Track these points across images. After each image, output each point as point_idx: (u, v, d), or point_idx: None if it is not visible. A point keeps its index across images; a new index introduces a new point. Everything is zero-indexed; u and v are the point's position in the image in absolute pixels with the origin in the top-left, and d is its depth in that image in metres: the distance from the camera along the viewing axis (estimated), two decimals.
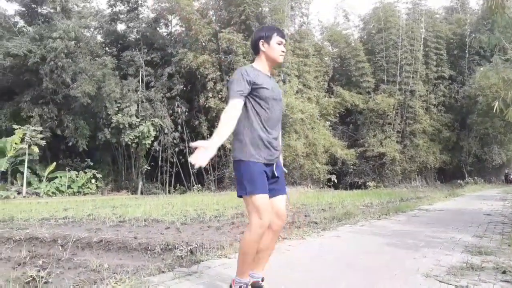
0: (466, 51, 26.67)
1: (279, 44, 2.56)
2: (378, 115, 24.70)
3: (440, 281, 2.78)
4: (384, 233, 5.25)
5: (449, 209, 9.05)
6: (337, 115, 25.14)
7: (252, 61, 2.66)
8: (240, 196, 2.41)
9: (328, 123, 24.52)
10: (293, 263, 3.47)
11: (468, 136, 26.51)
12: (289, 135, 20.44)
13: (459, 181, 24.59)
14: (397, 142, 24.76)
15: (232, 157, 2.50)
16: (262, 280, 2.57)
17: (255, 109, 2.42)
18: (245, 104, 2.42)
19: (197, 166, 2.14)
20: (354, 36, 28.13)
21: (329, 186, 22.68)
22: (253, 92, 2.42)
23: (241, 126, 2.41)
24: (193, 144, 2.20)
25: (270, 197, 2.43)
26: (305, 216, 6.95)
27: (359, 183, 23.61)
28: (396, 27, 25.51)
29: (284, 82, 21.35)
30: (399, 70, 25.14)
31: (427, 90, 26.34)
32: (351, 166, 23.83)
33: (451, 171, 27.80)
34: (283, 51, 2.58)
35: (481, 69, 24.83)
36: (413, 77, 25.22)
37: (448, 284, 2.72)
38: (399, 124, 25.29)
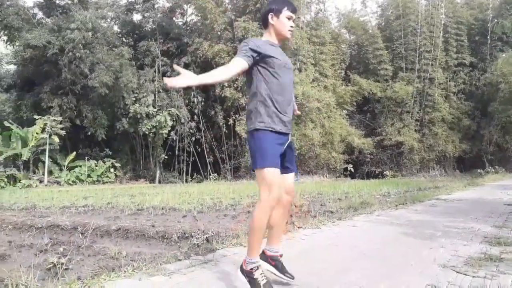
0: (488, 37, 25.89)
1: (288, 18, 2.53)
2: (396, 103, 24.33)
3: (457, 272, 2.75)
4: (400, 222, 5.20)
5: (468, 198, 8.89)
6: (354, 103, 24.87)
7: None
8: (253, 170, 2.42)
9: (345, 112, 24.29)
10: (308, 252, 3.48)
11: (489, 125, 25.83)
12: (305, 124, 20.34)
13: (479, 170, 24.06)
14: (415, 130, 24.38)
15: (247, 131, 2.52)
16: (281, 256, 2.65)
17: (266, 78, 2.43)
18: (256, 73, 2.43)
19: (168, 85, 2.12)
20: (372, 23, 27.67)
21: (346, 176, 22.56)
22: (264, 62, 2.41)
23: (254, 97, 2.45)
24: (176, 67, 2.22)
25: (282, 173, 2.46)
26: (321, 205, 6.94)
27: (376, 172, 23.41)
28: (415, 13, 24.93)
29: (300, 70, 21.18)
30: (418, 57, 24.61)
31: (446, 78, 25.75)
32: (368, 155, 23.62)
33: (471, 160, 27.23)
34: (292, 26, 2.55)
35: (504, 55, 24.18)
36: (432, 64, 24.67)
37: (465, 275, 2.68)
38: (417, 112, 24.86)
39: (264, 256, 2.62)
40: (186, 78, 2.13)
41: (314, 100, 19.92)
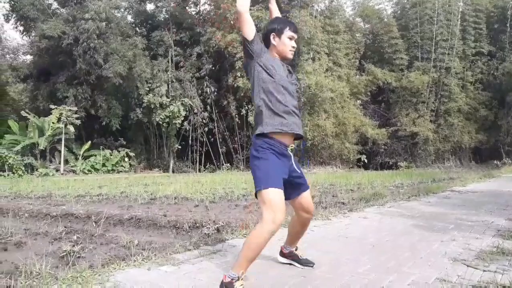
0: (508, 25, 25.11)
1: (290, 39, 2.52)
2: (411, 93, 23.94)
3: (468, 266, 2.72)
4: (412, 214, 5.16)
5: (483, 190, 8.75)
6: (369, 93, 24.58)
7: None
8: (256, 195, 2.33)
9: (359, 101, 24.04)
10: (318, 244, 3.48)
11: (507, 115, 25.23)
12: (318, 115, 20.22)
13: (495, 161, 23.60)
14: (430, 121, 23.99)
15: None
16: (296, 249, 2.80)
17: (263, 87, 2.41)
18: (255, 78, 2.44)
19: None
20: (387, 11, 27.18)
21: (359, 166, 22.41)
22: (264, 65, 2.41)
23: (255, 103, 2.45)
24: None
25: (297, 195, 2.55)
26: (333, 196, 6.92)
27: (390, 163, 23.19)
28: (431, 1, 24.31)
29: (313, 60, 20.99)
30: (434, 46, 24.08)
31: (463, 67, 25.18)
32: (382, 146, 23.39)
33: (488, 151, 26.71)
34: (293, 47, 2.54)
35: None
36: (449, 54, 24.13)
37: (476, 268, 2.65)
38: (433, 102, 24.43)
39: (282, 253, 2.85)
40: None
41: (328, 90, 19.75)
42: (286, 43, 2.51)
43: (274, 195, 2.23)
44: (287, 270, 2.70)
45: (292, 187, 2.52)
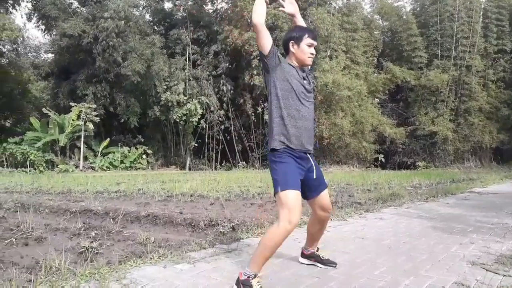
0: None
1: (309, 46, 2.53)
2: (431, 92, 23.50)
3: (487, 270, 2.66)
4: (430, 216, 5.08)
5: (504, 192, 8.55)
6: (387, 92, 24.23)
7: None
8: (274, 195, 2.40)
9: (376, 100, 23.74)
10: (332, 245, 3.46)
11: None
12: (335, 113, 20.06)
13: None
14: (450, 120, 23.52)
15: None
16: (317, 250, 2.85)
17: (278, 94, 2.45)
18: (271, 92, 2.47)
19: None
20: (406, 8, 26.73)
21: (376, 166, 22.16)
22: (279, 79, 2.44)
23: (270, 116, 2.50)
24: None
25: (316, 195, 2.60)
26: (349, 196, 6.86)
27: (408, 163, 22.85)
28: None
29: (330, 58, 20.82)
30: (454, 44, 23.57)
31: (485, 65, 24.57)
32: (400, 145, 23.06)
33: (509, 151, 26.02)
34: (312, 53, 2.55)
35: None
36: (470, 52, 23.59)
37: (495, 273, 2.60)
38: (452, 101, 23.93)
39: (303, 255, 2.90)
40: None
41: (345, 88, 19.57)
42: (305, 50, 2.52)
43: (291, 196, 2.29)
44: (302, 271, 2.70)
45: (311, 187, 2.57)
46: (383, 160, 22.36)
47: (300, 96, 2.46)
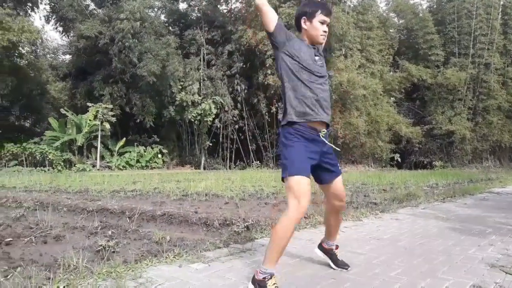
0: None
1: (322, 23, 2.42)
2: (448, 90, 23.15)
3: (506, 273, 2.61)
4: (447, 217, 5.00)
5: None
6: (403, 90, 23.99)
7: None
8: (283, 180, 2.34)
9: (392, 99, 23.51)
10: (347, 245, 3.43)
11: None
12: (350, 112, 19.92)
13: None
14: (467, 119, 23.12)
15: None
16: (336, 248, 2.76)
17: (289, 74, 2.38)
18: (282, 67, 2.40)
19: None
20: (423, 6, 26.48)
21: (392, 166, 21.94)
22: (289, 54, 2.37)
23: (283, 93, 2.44)
24: None
25: (329, 180, 2.51)
26: (364, 196, 6.80)
27: (425, 162, 22.56)
28: None
29: (345, 56, 20.68)
30: (472, 41, 23.15)
31: (504, 63, 24.07)
32: (417, 145, 22.79)
33: None
34: (325, 31, 2.44)
35: None
36: (488, 49, 23.13)
37: None
38: (470, 100, 23.51)
39: (322, 248, 2.80)
40: None
41: (360, 87, 19.41)
42: (317, 27, 2.41)
43: (298, 182, 2.23)
44: (317, 271, 2.69)
45: (324, 171, 2.50)
46: (399, 159, 22.13)
47: (312, 70, 2.36)
